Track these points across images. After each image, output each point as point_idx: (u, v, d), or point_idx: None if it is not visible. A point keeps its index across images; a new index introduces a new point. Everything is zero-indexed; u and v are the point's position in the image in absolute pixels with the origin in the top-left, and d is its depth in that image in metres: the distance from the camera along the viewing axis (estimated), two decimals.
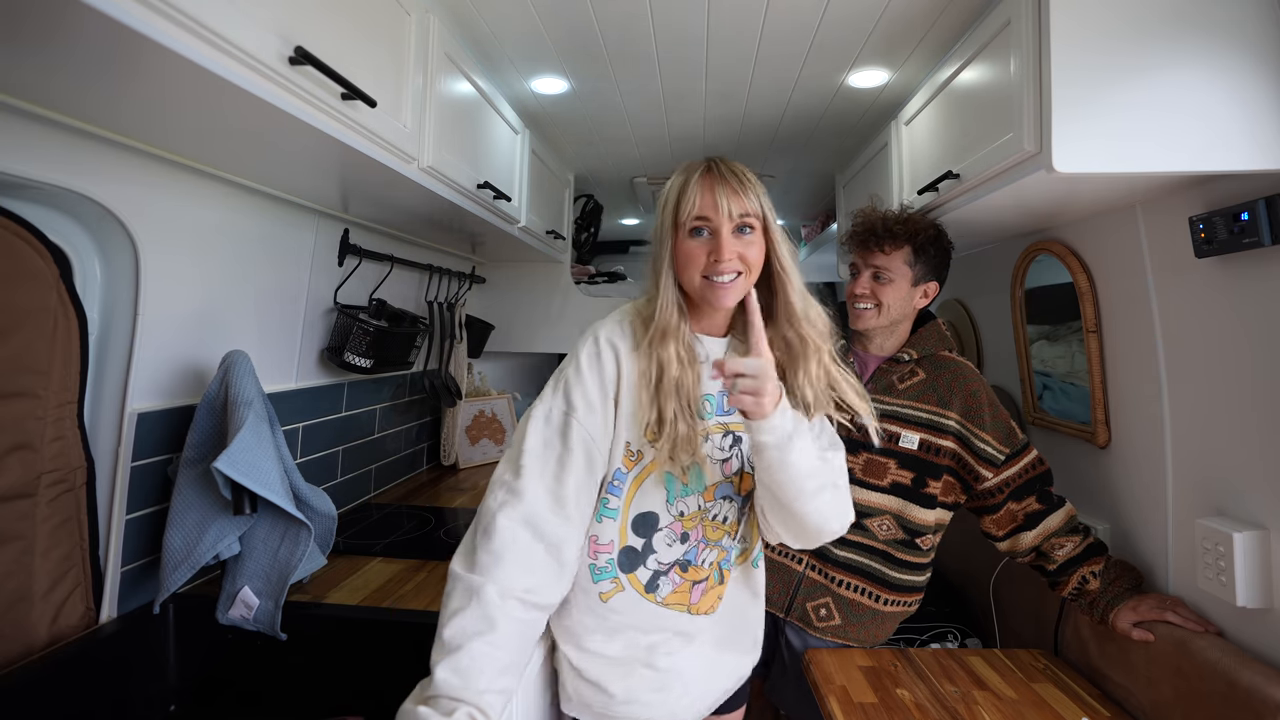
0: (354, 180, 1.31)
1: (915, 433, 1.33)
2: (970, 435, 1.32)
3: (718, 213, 0.94)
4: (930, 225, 1.40)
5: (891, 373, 1.38)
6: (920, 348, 1.38)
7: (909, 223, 1.37)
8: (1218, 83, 1.06)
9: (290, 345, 1.55)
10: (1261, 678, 1.02)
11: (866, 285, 1.37)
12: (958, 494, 1.38)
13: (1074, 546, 1.32)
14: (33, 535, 0.96)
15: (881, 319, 1.37)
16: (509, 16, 1.42)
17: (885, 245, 1.36)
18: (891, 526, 1.35)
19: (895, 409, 1.35)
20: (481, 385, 2.65)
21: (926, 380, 1.36)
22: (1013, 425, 1.35)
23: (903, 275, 1.35)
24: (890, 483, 1.34)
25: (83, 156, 0.97)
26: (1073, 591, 1.33)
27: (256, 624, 1.11)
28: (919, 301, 1.39)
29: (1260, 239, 1.03)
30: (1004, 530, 1.37)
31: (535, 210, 2.09)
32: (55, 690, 0.94)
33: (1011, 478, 1.33)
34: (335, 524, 1.29)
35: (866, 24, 1.43)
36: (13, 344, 0.93)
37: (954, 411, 1.33)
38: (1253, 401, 1.12)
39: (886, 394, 1.36)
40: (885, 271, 1.35)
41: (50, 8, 0.63)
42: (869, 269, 1.38)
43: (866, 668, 1.36)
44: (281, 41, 0.86)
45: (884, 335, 1.40)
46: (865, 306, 1.37)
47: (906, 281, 1.36)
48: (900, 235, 1.35)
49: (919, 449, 1.33)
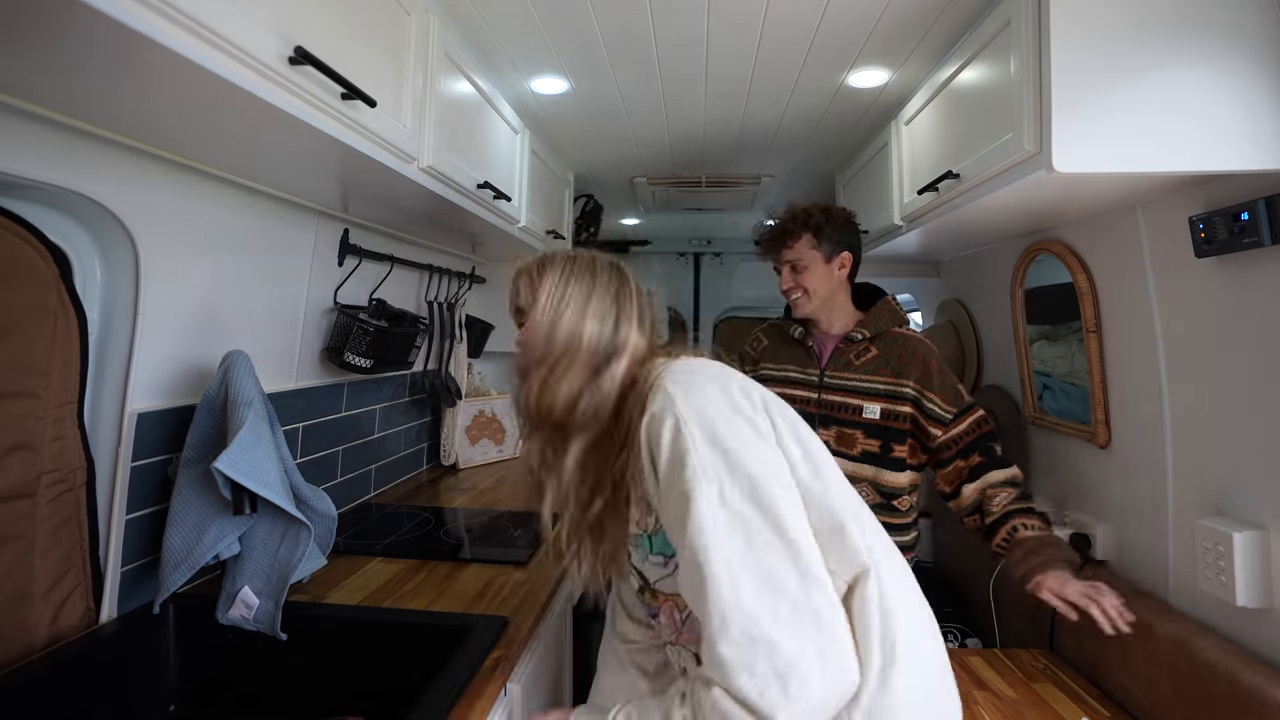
0: (354, 180, 1.31)
1: (875, 403, 1.44)
2: (922, 398, 1.42)
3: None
4: (819, 207, 1.52)
5: (848, 351, 1.50)
6: (872, 326, 1.49)
7: (800, 213, 1.51)
8: (1218, 83, 1.06)
9: (290, 345, 1.55)
10: (1263, 678, 1.02)
11: (790, 279, 1.51)
12: (920, 455, 1.47)
13: (1010, 499, 1.37)
14: (33, 535, 0.96)
15: (814, 301, 1.50)
16: (509, 16, 1.42)
17: (789, 240, 1.50)
18: (870, 492, 1.44)
19: (855, 384, 1.47)
20: (481, 385, 2.65)
21: (880, 355, 1.47)
22: (960, 389, 1.44)
23: (813, 259, 1.48)
24: (860, 451, 1.45)
25: (83, 156, 0.96)
26: (1003, 540, 1.34)
27: (256, 624, 1.11)
28: (839, 273, 1.51)
29: (1260, 239, 1.03)
30: (951, 486, 1.44)
31: (535, 210, 2.09)
32: (55, 690, 0.94)
33: (959, 435, 1.41)
34: (335, 524, 1.29)
35: (866, 24, 1.43)
36: (13, 344, 0.93)
37: (909, 379, 1.43)
38: (1253, 401, 1.12)
39: (845, 370, 1.48)
40: (798, 261, 1.49)
41: (50, 7, 0.62)
42: (785, 265, 1.51)
43: None
44: (281, 41, 0.86)
45: (827, 314, 1.52)
46: (796, 296, 1.51)
47: (820, 262, 1.49)
48: (796, 226, 1.49)
49: (881, 418, 1.44)
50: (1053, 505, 1.73)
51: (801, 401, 1.49)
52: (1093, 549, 1.52)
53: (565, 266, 0.90)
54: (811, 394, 1.49)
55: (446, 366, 2.21)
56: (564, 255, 0.93)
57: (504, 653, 1.03)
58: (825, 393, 1.48)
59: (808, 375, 1.51)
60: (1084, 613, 1.17)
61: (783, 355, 1.58)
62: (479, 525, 1.71)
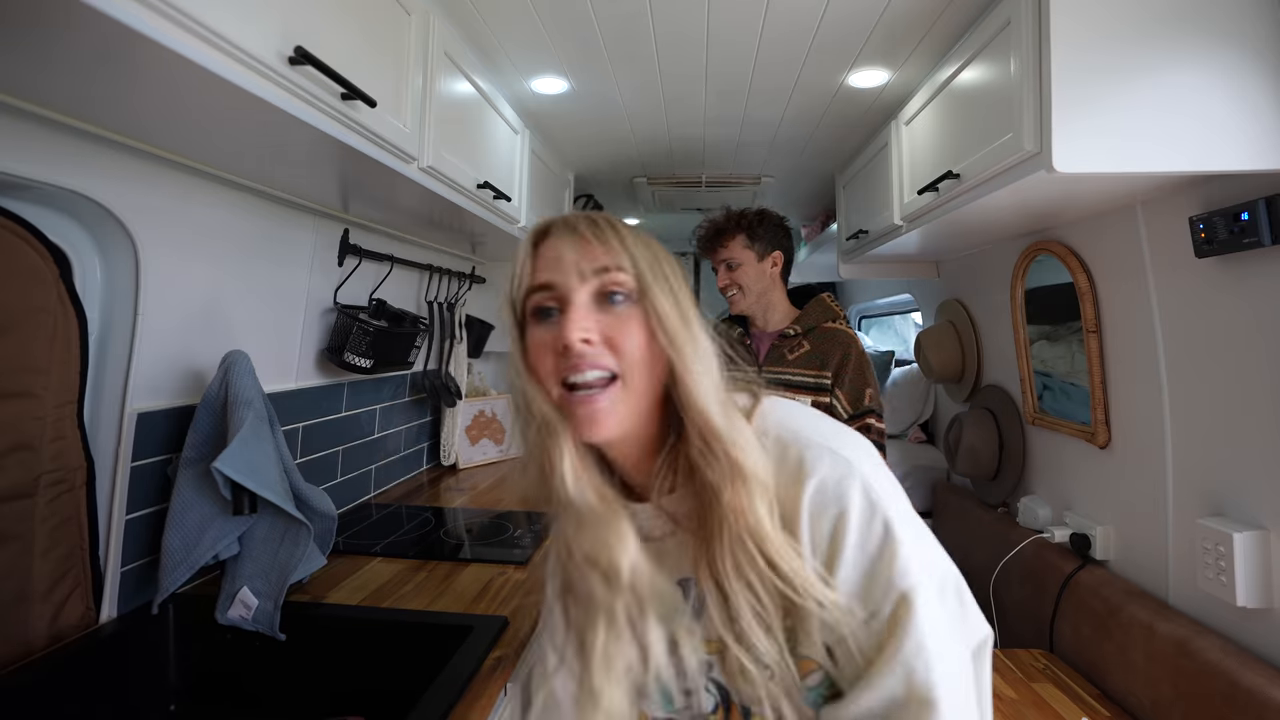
0: (354, 180, 1.30)
1: (807, 396, 1.55)
2: (832, 393, 1.55)
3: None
4: (752, 211, 1.63)
5: (783, 347, 1.61)
6: (805, 323, 1.61)
7: (735, 215, 1.62)
8: (1218, 83, 1.06)
9: (290, 345, 1.55)
10: (1263, 678, 1.02)
11: (725, 276, 1.62)
12: None
13: None
14: (32, 535, 0.96)
15: (749, 298, 1.61)
16: (509, 16, 1.42)
17: (724, 239, 1.61)
18: None
19: (789, 378, 1.58)
20: (481, 385, 2.65)
21: (811, 350, 1.59)
22: (866, 392, 1.53)
23: (747, 258, 1.60)
24: None
25: (83, 156, 0.96)
26: None
27: (255, 624, 1.11)
28: (772, 271, 1.63)
29: (1260, 239, 1.03)
30: None
31: (535, 210, 2.09)
32: (55, 690, 0.94)
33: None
34: (335, 524, 1.29)
35: (866, 24, 1.43)
36: (12, 344, 0.93)
37: (827, 374, 1.55)
38: (1253, 401, 1.12)
39: (779, 365, 1.60)
40: (733, 259, 1.61)
41: (50, 7, 0.62)
42: (721, 263, 1.63)
43: None
44: (281, 41, 0.86)
45: (762, 311, 1.64)
46: (732, 293, 1.62)
47: (753, 262, 1.60)
48: (731, 227, 1.61)
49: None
50: (1053, 505, 1.73)
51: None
52: (1093, 549, 1.52)
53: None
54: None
55: (446, 366, 2.21)
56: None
57: (504, 653, 1.03)
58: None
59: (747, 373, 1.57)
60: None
61: (728, 355, 1.62)
62: (479, 525, 1.71)
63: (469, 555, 1.46)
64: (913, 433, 2.75)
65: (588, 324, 0.58)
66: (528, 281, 0.61)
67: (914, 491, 2.55)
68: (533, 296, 0.61)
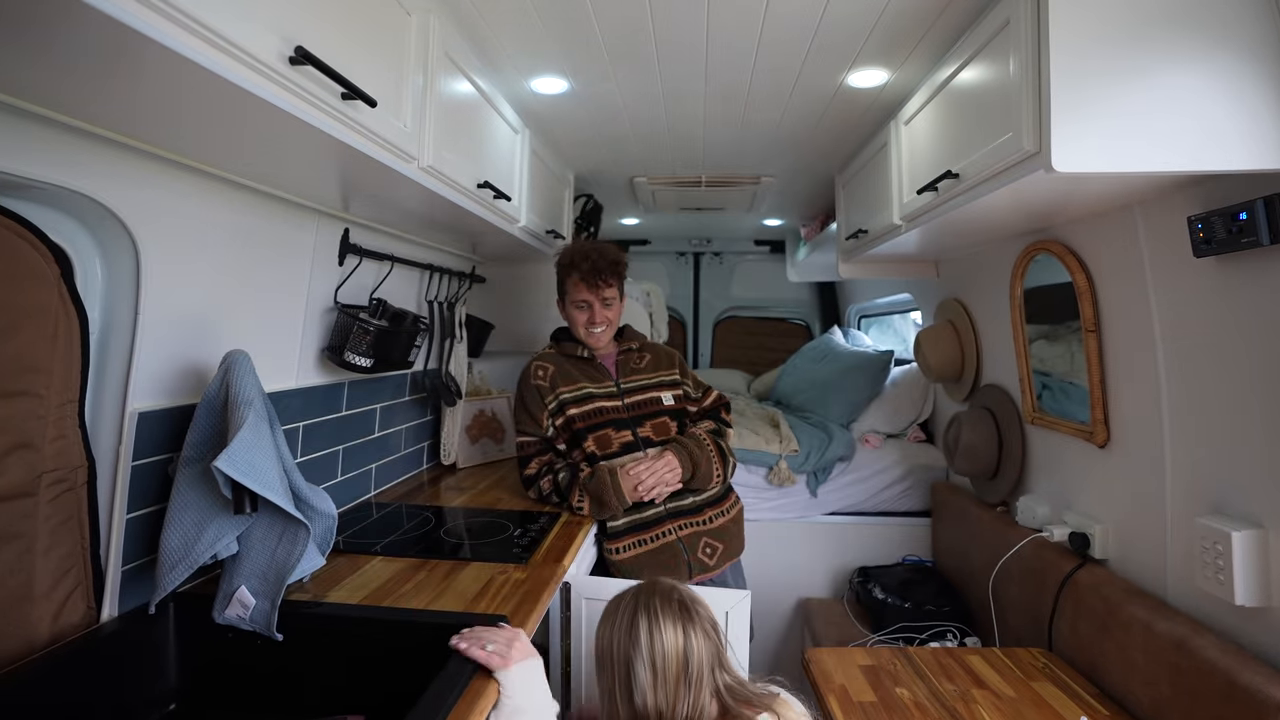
0: (354, 180, 1.31)
1: (668, 391, 1.90)
2: (682, 384, 1.95)
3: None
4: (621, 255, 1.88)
5: (629, 360, 1.92)
6: (635, 340, 1.96)
7: (614, 261, 1.83)
8: (1216, 83, 1.06)
9: (290, 345, 1.55)
10: (1261, 677, 1.02)
11: (600, 314, 1.83)
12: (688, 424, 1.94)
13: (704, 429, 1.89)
14: (34, 534, 0.96)
15: (609, 332, 1.88)
16: (509, 16, 1.42)
17: (611, 279, 1.82)
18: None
19: (646, 381, 1.90)
20: (481, 385, 2.65)
21: (652, 359, 1.95)
22: (697, 378, 2.03)
23: (617, 298, 1.87)
24: (673, 434, 1.86)
25: (84, 156, 0.97)
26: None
27: (252, 624, 1.11)
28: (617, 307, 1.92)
29: (1259, 238, 1.03)
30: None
31: (535, 210, 2.09)
32: (56, 688, 0.94)
33: (705, 408, 1.99)
34: (335, 523, 1.29)
35: (866, 24, 1.43)
36: (14, 343, 0.93)
37: (674, 371, 1.95)
38: (1251, 401, 1.12)
39: (635, 374, 1.90)
40: (611, 300, 1.84)
41: (51, 7, 0.63)
42: (599, 301, 1.82)
43: (866, 666, 1.36)
44: (282, 41, 0.86)
45: (607, 340, 1.91)
46: (602, 329, 1.84)
47: (618, 301, 1.88)
48: (612, 273, 1.82)
49: (675, 402, 1.90)
50: (1051, 504, 1.73)
51: (611, 410, 1.82)
52: (1092, 548, 1.52)
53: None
54: (616, 402, 1.84)
55: (447, 366, 2.21)
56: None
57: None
58: (628, 397, 1.85)
59: (605, 389, 1.85)
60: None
61: (575, 375, 1.85)
62: (479, 524, 1.71)
63: (469, 554, 1.47)
64: (912, 432, 2.75)
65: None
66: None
67: (913, 491, 2.55)
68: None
